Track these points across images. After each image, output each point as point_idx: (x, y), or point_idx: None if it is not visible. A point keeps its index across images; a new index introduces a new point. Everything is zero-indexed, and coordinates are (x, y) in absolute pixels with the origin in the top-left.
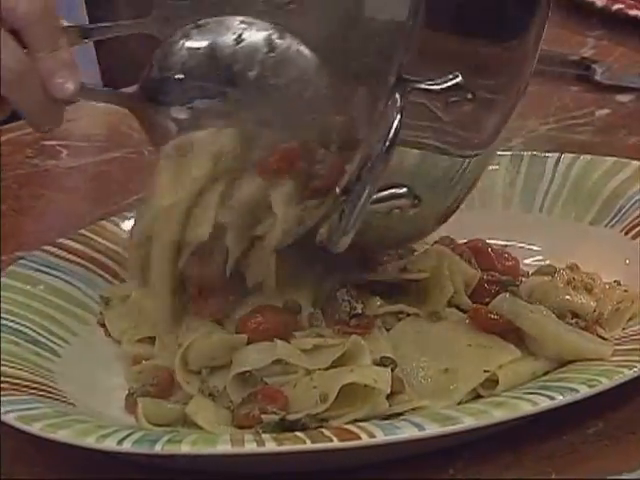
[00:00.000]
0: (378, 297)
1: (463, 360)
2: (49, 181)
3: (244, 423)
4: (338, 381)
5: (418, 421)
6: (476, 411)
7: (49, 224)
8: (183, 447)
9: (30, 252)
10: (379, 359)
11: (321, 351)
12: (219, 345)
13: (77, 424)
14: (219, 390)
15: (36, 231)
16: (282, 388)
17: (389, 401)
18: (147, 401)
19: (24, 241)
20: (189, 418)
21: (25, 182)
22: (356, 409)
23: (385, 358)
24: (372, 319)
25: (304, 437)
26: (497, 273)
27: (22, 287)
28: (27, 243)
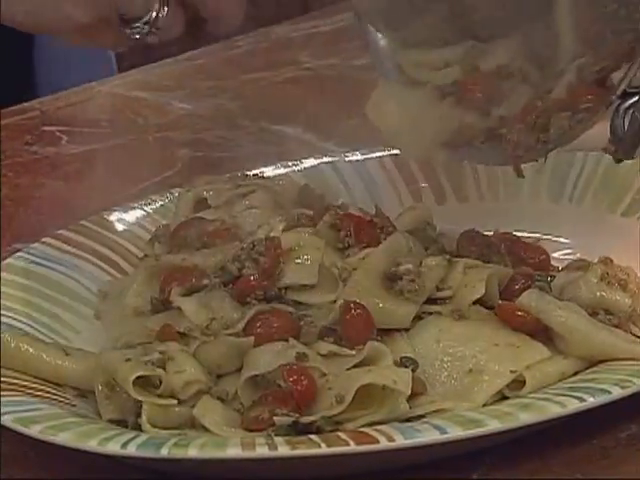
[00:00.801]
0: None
1: (488, 360)
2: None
3: (254, 426)
4: (355, 382)
5: (440, 424)
6: (501, 413)
7: (49, 215)
8: (190, 451)
9: (28, 244)
10: (399, 359)
11: (337, 357)
12: (226, 351)
13: (78, 426)
14: (228, 394)
15: (35, 222)
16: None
17: (409, 403)
18: (152, 404)
19: (22, 233)
20: (196, 421)
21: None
22: (374, 411)
23: (405, 358)
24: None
25: (319, 440)
26: (527, 267)
27: (20, 281)
28: (25, 235)
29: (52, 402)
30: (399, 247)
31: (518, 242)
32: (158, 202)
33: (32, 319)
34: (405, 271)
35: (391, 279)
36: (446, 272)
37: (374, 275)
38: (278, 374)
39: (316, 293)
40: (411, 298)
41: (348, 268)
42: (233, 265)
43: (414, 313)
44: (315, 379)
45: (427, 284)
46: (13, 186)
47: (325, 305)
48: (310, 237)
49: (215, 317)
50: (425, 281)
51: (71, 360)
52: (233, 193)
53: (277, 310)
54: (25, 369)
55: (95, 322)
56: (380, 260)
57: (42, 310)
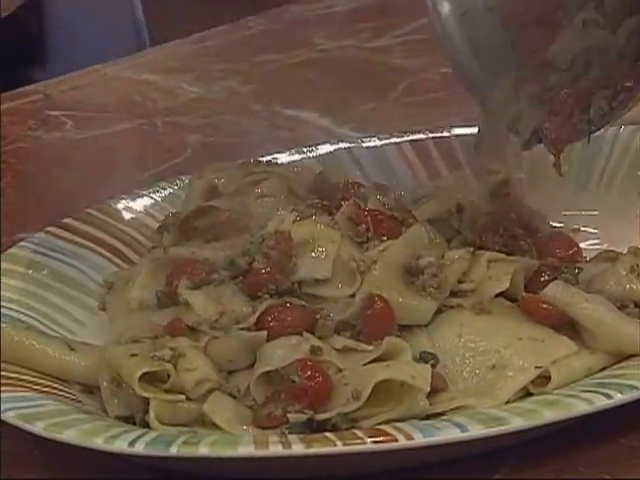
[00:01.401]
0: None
1: (512, 355)
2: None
3: (267, 423)
4: (372, 377)
5: (461, 421)
6: (525, 411)
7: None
8: (201, 449)
9: (32, 234)
10: (419, 355)
11: (354, 352)
12: (237, 346)
13: (84, 423)
14: (240, 390)
15: (39, 210)
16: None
17: (429, 400)
18: (159, 400)
19: (25, 221)
20: (207, 417)
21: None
22: (392, 408)
23: (425, 353)
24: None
25: (334, 438)
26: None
27: (23, 272)
28: (29, 224)
29: (57, 398)
30: (420, 239)
31: (547, 231)
32: (167, 190)
33: (35, 311)
34: (427, 264)
35: (412, 273)
36: (469, 265)
37: (394, 269)
38: (292, 369)
39: (332, 287)
40: (433, 294)
41: (367, 261)
42: (242, 259)
43: (435, 309)
44: (330, 375)
45: (449, 278)
46: (16, 173)
47: (342, 299)
48: (326, 229)
49: (224, 311)
50: (447, 275)
51: (76, 355)
52: (245, 181)
53: (290, 303)
54: (28, 364)
55: (101, 314)
56: (400, 253)
57: (46, 302)
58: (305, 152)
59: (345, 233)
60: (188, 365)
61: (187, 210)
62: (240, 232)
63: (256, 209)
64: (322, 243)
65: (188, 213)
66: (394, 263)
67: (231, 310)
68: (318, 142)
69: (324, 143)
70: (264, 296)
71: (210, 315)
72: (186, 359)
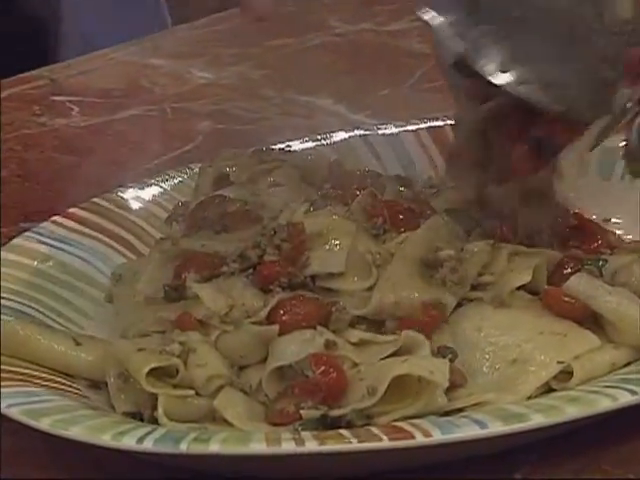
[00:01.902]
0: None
1: (533, 350)
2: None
3: (280, 420)
4: (389, 372)
5: (480, 418)
6: (546, 407)
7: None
8: (212, 446)
9: (37, 223)
10: (437, 349)
11: (370, 346)
12: (248, 340)
13: (90, 420)
14: (252, 386)
15: (44, 199)
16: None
17: (447, 395)
18: (168, 395)
19: (30, 211)
20: (217, 413)
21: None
22: (409, 404)
23: (444, 348)
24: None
25: (349, 435)
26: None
27: (28, 263)
28: (33, 213)
29: (63, 394)
30: (439, 231)
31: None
32: (176, 178)
33: (41, 304)
34: (446, 257)
35: (430, 266)
36: (490, 258)
37: (411, 262)
38: (306, 364)
39: (347, 280)
40: (452, 288)
41: (383, 254)
42: (253, 251)
43: (454, 304)
44: (345, 369)
45: (469, 272)
46: (20, 161)
47: (357, 293)
48: (340, 221)
49: (235, 305)
50: (467, 269)
51: (82, 350)
52: (257, 169)
53: (303, 296)
54: (33, 359)
55: (108, 306)
56: (418, 246)
57: (52, 294)
58: (319, 140)
59: (361, 225)
60: (199, 361)
61: (197, 200)
62: (251, 223)
63: (268, 199)
64: (336, 235)
65: (198, 203)
66: (412, 256)
67: (242, 303)
68: (333, 129)
69: (339, 130)
70: (276, 289)
71: (220, 309)
72: (196, 354)
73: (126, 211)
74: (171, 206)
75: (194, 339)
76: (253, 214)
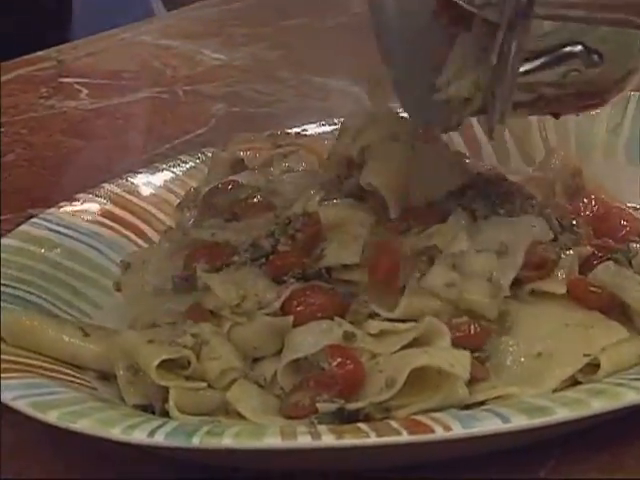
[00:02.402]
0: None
1: (559, 342)
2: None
3: (295, 413)
4: (408, 364)
5: (503, 412)
6: (571, 400)
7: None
8: (225, 440)
9: (44, 210)
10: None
11: (389, 336)
12: (262, 332)
13: (100, 412)
14: (266, 379)
15: (51, 185)
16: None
17: (469, 388)
18: (179, 387)
19: (37, 197)
20: (230, 406)
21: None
22: (428, 397)
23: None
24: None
25: (367, 429)
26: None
27: (35, 251)
28: (40, 199)
29: (71, 385)
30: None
31: (611, 209)
32: (188, 163)
33: (48, 293)
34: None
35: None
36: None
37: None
38: (322, 356)
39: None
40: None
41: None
42: (266, 241)
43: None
44: (362, 361)
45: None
46: (27, 145)
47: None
48: (358, 211)
49: (247, 295)
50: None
51: (90, 340)
52: (272, 153)
53: (318, 287)
54: (40, 349)
55: (117, 295)
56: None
57: (59, 283)
58: (336, 123)
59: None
60: (212, 353)
61: (210, 185)
62: (262, 211)
63: (281, 185)
64: (352, 226)
65: (209, 189)
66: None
67: (254, 294)
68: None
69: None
70: (290, 280)
71: (231, 299)
72: (209, 347)
73: (136, 197)
74: (183, 192)
75: (207, 331)
76: (265, 202)
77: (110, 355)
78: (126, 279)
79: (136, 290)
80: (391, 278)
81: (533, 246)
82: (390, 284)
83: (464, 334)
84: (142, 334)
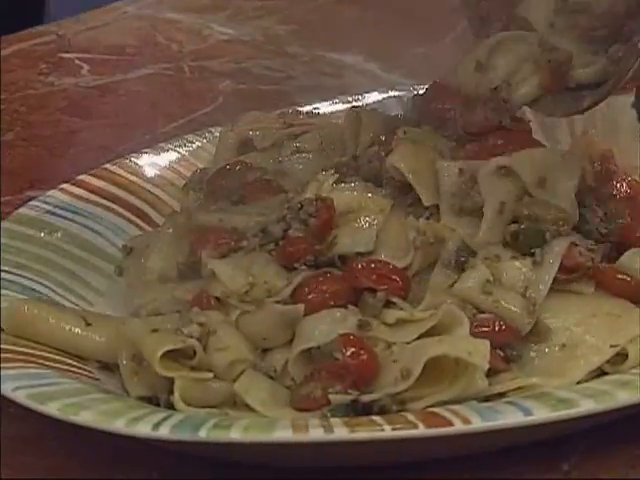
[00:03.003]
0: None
1: (585, 333)
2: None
3: (306, 405)
4: (424, 353)
5: (525, 404)
6: (597, 392)
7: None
8: (233, 433)
9: (44, 192)
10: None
11: (406, 325)
12: (272, 321)
13: (103, 404)
14: (276, 369)
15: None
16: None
17: (488, 379)
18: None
19: (36, 178)
20: (238, 398)
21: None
22: (445, 388)
23: None
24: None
25: (382, 422)
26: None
27: (34, 235)
28: (40, 180)
29: (72, 376)
30: None
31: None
32: (195, 143)
33: (49, 279)
34: None
35: None
36: None
37: None
38: (335, 346)
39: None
40: None
41: (429, 234)
42: (277, 226)
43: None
44: (377, 351)
45: None
46: (25, 124)
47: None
48: (373, 197)
49: (255, 283)
50: None
51: (93, 330)
52: (283, 133)
53: (331, 274)
54: (40, 339)
55: (121, 281)
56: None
57: (60, 268)
58: (350, 101)
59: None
60: (219, 344)
61: (217, 166)
62: (270, 194)
63: (291, 167)
64: (367, 212)
65: (216, 170)
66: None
67: (263, 281)
68: (365, 90)
69: (371, 91)
70: (301, 267)
71: (239, 287)
72: (217, 337)
73: (140, 178)
74: (189, 173)
75: (214, 320)
76: (274, 184)
77: (113, 345)
78: (128, 264)
79: (139, 276)
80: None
81: (569, 249)
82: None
83: (489, 330)
84: (146, 323)
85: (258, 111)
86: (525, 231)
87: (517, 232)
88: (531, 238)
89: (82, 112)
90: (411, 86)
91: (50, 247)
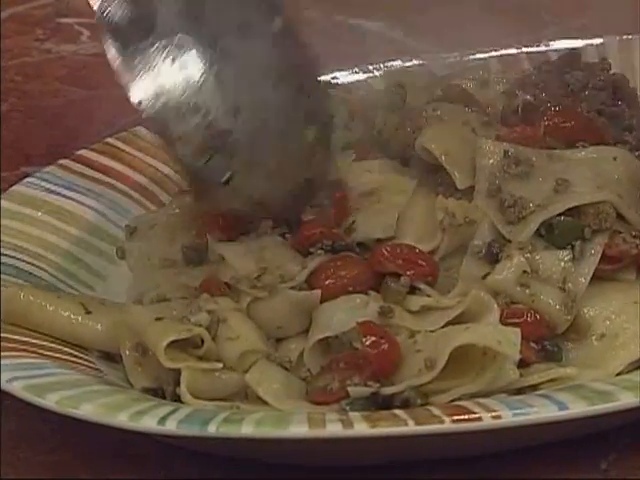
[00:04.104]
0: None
1: (625, 322)
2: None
3: (323, 398)
4: (449, 342)
5: (559, 397)
6: (637, 385)
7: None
8: (245, 428)
9: (41, 167)
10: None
11: (431, 313)
12: (287, 308)
13: (104, 397)
14: (291, 360)
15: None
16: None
17: (519, 371)
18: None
19: (33, 153)
20: (250, 390)
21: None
22: (472, 380)
23: None
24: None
25: (405, 417)
26: None
27: (30, 214)
28: (37, 155)
29: (72, 366)
30: None
31: None
32: None
33: (46, 262)
34: None
35: None
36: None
37: None
38: (355, 335)
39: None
40: None
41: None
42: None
43: None
44: (399, 340)
45: None
46: (21, 94)
47: None
48: (396, 176)
49: (268, 267)
50: None
51: (93, 318)
52: None
53: (350, 258)
54: (38, 328)
55: (123, 265)
56: None
57: (58, 250)
58: (371, 70)
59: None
60: (230, 333)
61: None
62: None
63: None
64: (389, 194)
65: None
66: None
67: (276, 266)
68: (387, 58)
69: (395, 59)
70: (317, 252)
71: (250, 272)
72: (227, 325)
73: (145, 153)
74: None
75: (224, 307)
76: None
77: (115, 333)
78: (131, 246)
79: (142, 259)
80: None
81: (612, 237)
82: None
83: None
84: (150, 310)
85: None
86: (562, 224)
87: (552, 224)
88: (568, 232)
89: (82, 82)
90: (437, 53)
91: (48, 227)
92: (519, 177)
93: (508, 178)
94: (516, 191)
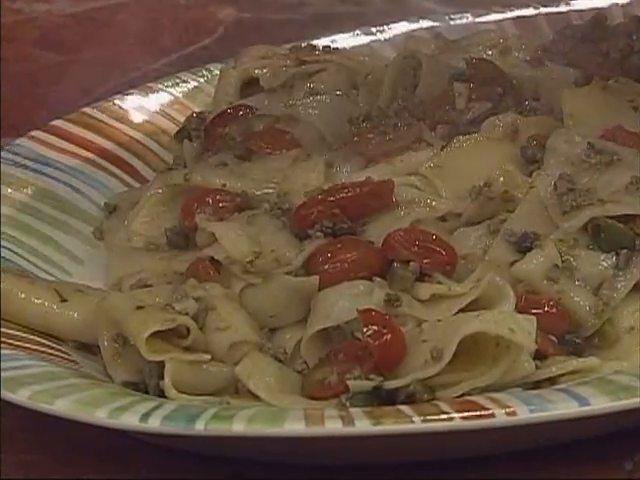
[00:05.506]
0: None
1: None
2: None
3: (321, 393)
4: (457, 331)
5: (579, 392)
6: None
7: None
8: (235, 425)
9: (12, 139)
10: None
11: (442, 301)
12: (282, 295)
13: (81, 391)
14: (287, 351)
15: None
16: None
17: (536, 363)
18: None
19: (3, 124)
20: (241, 384)
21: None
22: (484, 372)
23: None
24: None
25: (410, 412)
26: None
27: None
28: (8, 127)
29: (46, 358)
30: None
31: None
32: (190, 82)
33: (19, 245)
34: None
35: None
36: None
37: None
38: (356, 324)
39: None
40: None
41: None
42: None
43: None
44: (404, 331)
45: None
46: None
47: None
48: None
49: (262, 251)
50: None
51: (69, 307)
52: (295, 71)
53: (352, 240)
54: (10, 317)
55: (102, 246)
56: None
57: (32, 232)
58: (374, 33)
59: None
60: (220, 322)
61: (216, 110)
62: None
63: (305, 111)
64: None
65: (217, 115)
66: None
67: (271, 250)
68: (392, 19)
69: (400, 21)
70: (316, 234)
71: (243, 255)
72: (217, 314)
73: (125, 125)
74: (183, 118)
75: (213, 293)
76: (286, 136)
77: (92, 323)
78: (110, 226)
79: (123, 241)
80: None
81: None
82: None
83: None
84: (130, 297)
85: (264, 45)
86: (609, 228)
87: (599, 227)
88: (614, 237)
89: (57, 45)
90: (446, 14)
91: (19, 206)
92: (596, 167)
93: (586, 167)
94: (586, 181)
